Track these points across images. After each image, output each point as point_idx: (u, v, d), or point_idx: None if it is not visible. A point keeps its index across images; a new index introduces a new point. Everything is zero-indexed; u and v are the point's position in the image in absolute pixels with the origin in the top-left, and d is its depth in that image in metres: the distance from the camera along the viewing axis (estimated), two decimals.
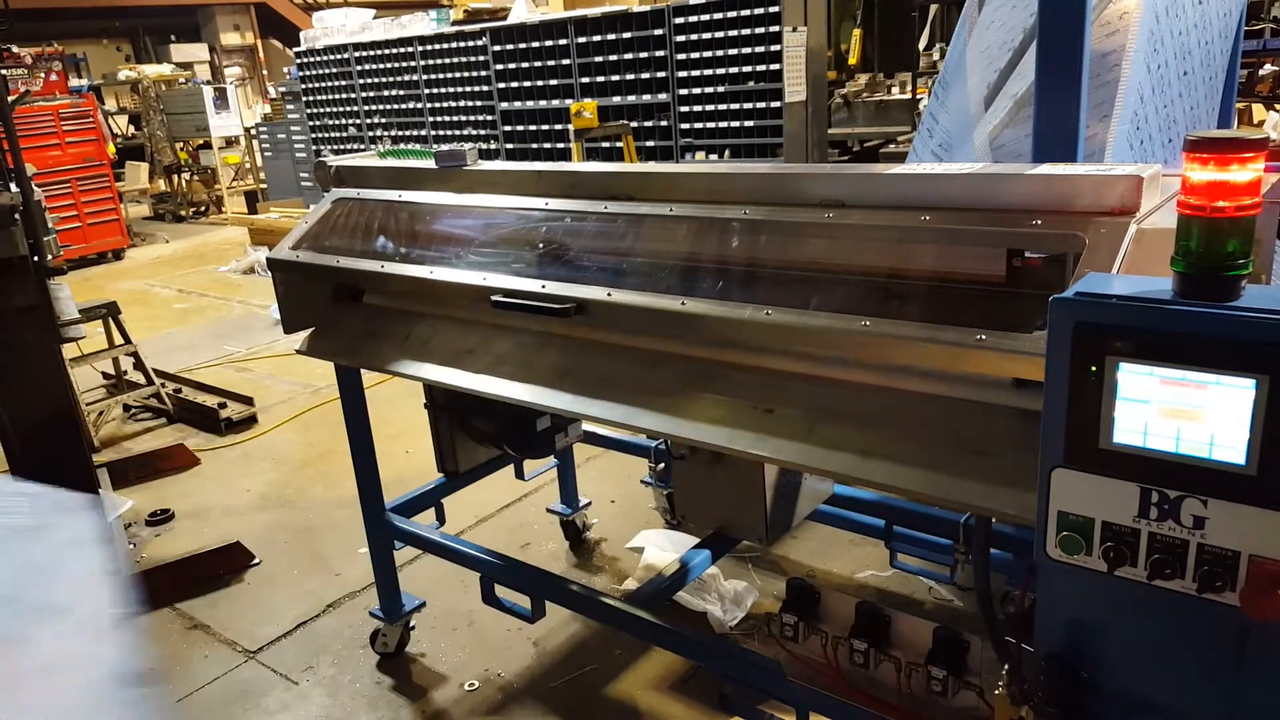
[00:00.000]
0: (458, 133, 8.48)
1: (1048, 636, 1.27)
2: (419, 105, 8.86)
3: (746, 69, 6.43)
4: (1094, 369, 1.11)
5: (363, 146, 9.43)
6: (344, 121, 9.86)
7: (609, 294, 1.88)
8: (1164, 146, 2.60)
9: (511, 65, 7.81)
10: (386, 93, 9.16)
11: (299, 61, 10.21)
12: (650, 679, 2.83)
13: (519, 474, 3.28)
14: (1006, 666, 1.44)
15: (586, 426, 3.13)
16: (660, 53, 6.81)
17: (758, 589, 3.16)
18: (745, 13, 6.31)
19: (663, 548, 3.35)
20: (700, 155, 6.81)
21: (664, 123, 6.95)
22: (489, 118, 8.18)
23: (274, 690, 2.95)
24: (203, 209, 13.51)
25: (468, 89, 8.30)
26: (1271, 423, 1.01)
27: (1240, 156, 1.03)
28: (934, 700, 1.91)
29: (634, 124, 6.83)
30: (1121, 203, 1.39)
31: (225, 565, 3.66)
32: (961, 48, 3.06)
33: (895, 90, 8.66)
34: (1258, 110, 7.08)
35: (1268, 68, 7.38)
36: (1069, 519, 1.18)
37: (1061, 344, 1.13)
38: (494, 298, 2.06)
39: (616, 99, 7.11)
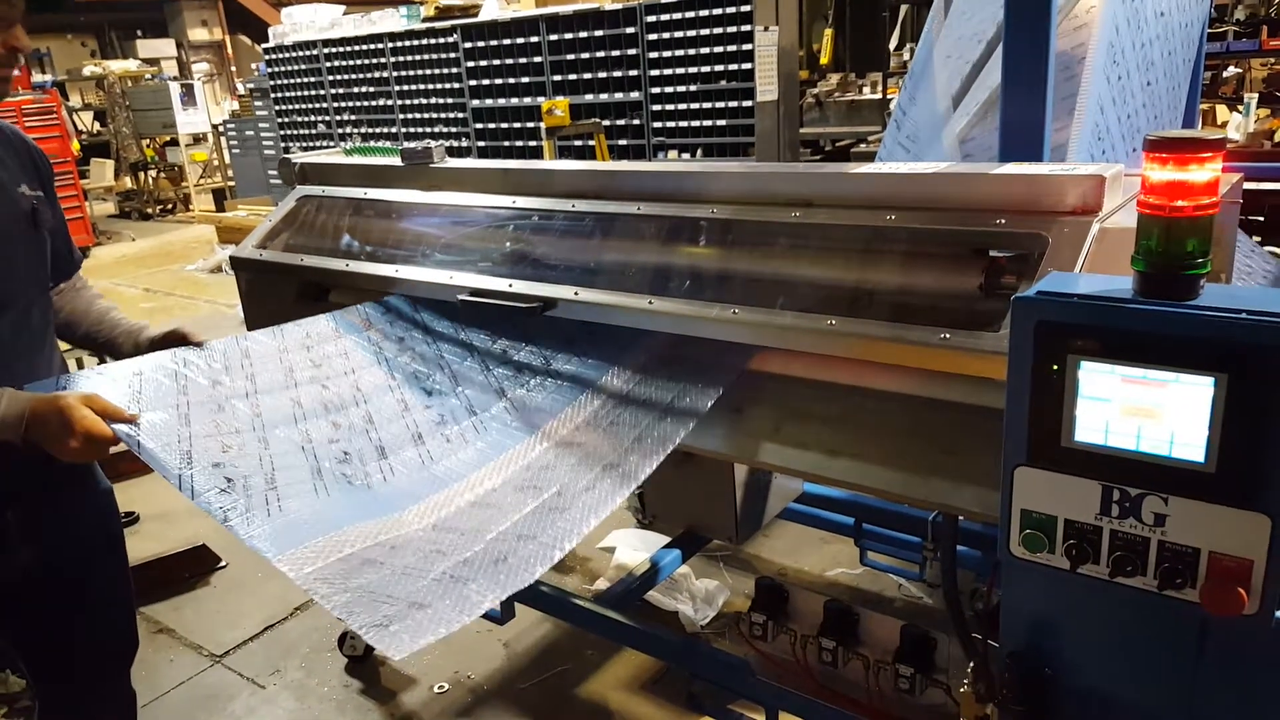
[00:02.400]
0: (428, 130, 8.41)
1: (1012, 634, 1.27)
2: (389, 102, 8.78)
3: (718, 68, 6.43)
4: (1056, 367, 1.11)
5: (332, 144, 9.33)
6: (313, 118, 9.75)
7: (576, 293, 1.87)
8: (1128, 155, 2.62)
9: (483, 62, 7.76)
10: (356, 89, 9.07)
11: (268, 58, 10.08)
12: (621, 679, 2.82)
13: None
14: (972, 664, 1.45)
15: None
16: (632, 51, 6.79)
17: (729, 588, 3.16)
18: (717, 12, 6.31)
19: (634, 547, 3.34)
20: (672, 154, 6.80)
21: (636, 121, 6.94)
22: (460, 115, 8.12)
23: (241, 695, 2.91)
24: (170, 207, 13.32)
25: (438, 86, 8.24)
26: (1230, 421, 1.02)
27: (1199, 156, 1.03)
28: (902, 698, 1.92)
29: (606, 122, 6.81)
30: (1084, 202, 1.40)
31: (191, 568, 3.61)
32: (930, 44, 3.07)
33: (866, 90, 8.71)
34: (1221, 111, 7.19)
35: (1231, 69, 7.51)
36: (1032, 517, 1.18)
37: (1024, 343, 1.13)
38: (461, 296, 2.04)
39: (589, 97, 7.09)
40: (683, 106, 6.68)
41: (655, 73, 6.73)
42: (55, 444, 1.51)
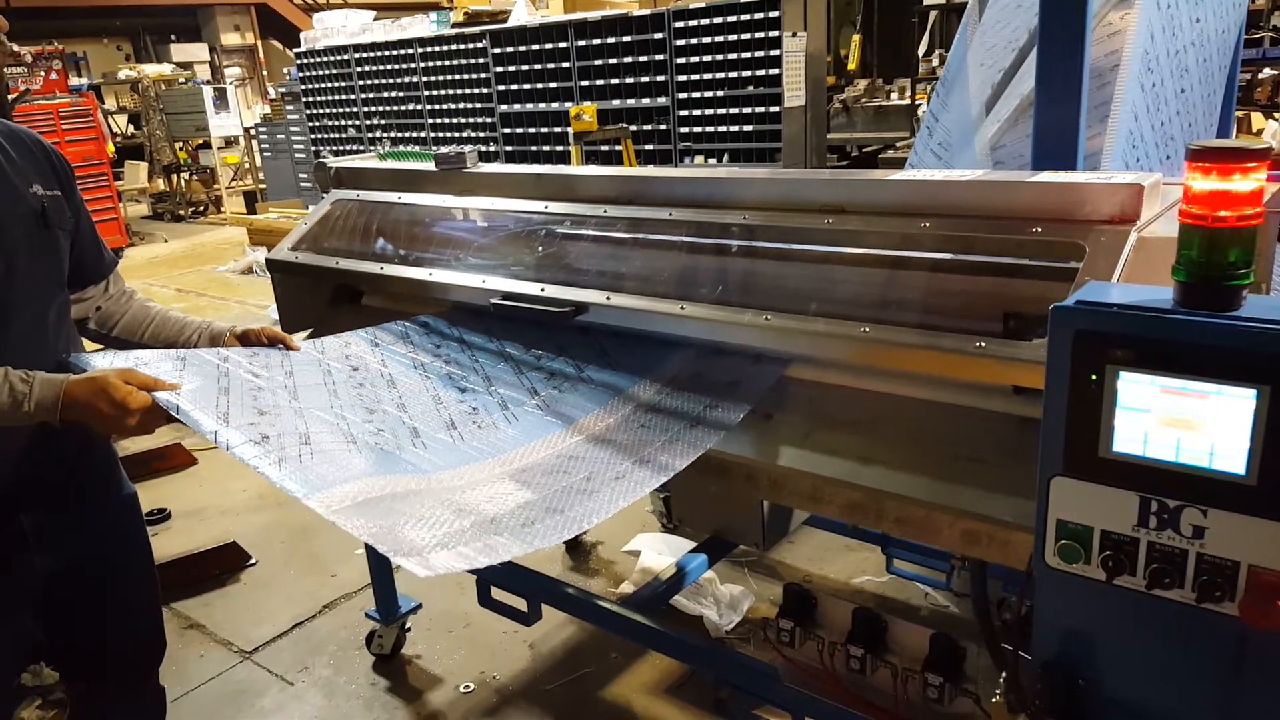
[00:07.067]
0: (457, 135, 8.47)
1: (1045, 644, 1.26)
2: (418, 107, 8.85)
3: (746, 73, 6.43)
4: (1094, 377, 1.10)
5: (362, 148, 9.42)
6: (343, 123, 9.86)
7: (608, 297, 1.88)
8: (1161, 163, 2.60)
9: (511, 68, 7.81)
10: (386, 94, 9.16)
11: (299, 62, 10.20)
12: (646, 683, 2.82)
13: None
14: (1004, 674, 1.44)
15: None
16: (660, 56, 6.81)
17: (754, 593, 3.16)
18: (745, 17, 6.31)
19: (659, 551, 3.34)
20: (699, 159, 6.81)
21: (663, 126, 6.95)
22: (488, 120, 8.18)
23: (270, 691, 2.95)
24: (201, 209, 13.50)
25: (467, 91, 8.29)
26: (1272, 433, 1.01)
27: (1243, 166, 1.03)
28: (930, 707, 1.90)
29: (633, 128, 6.83)
30: (1122, 211, 1.39)
31: (221, 565, 3.65)
32: (963, 50, 3.06)
33: (894, 96, 8.68)
34: (1256, 119, 7.08)
35: (1266, 72, 7.39)
36: (1068, 527, 1.18)
37: (1061, 352, 1.13)
38: (493, 300, 2.06)
39: (616, 102, 7.11)
40: (710, 112, 6.68)
41: (683, 78, 6.74)
42: (105, 423, 1.54)
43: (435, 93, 8.62)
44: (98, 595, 1.86)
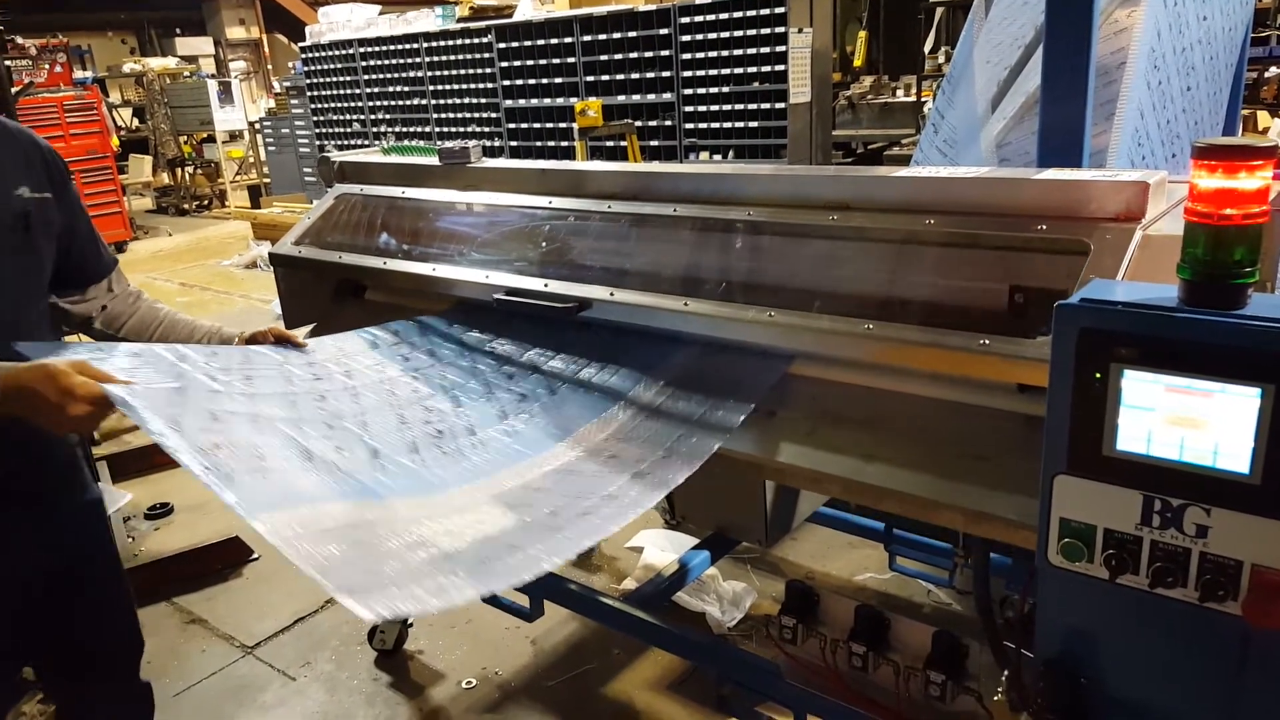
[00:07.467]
0: (461, 130, 8.47)
1: (1048, 643, 1.26)
2: (423, 102, 8.85)
3: (751, 69, 6.42)
4: (1098, 375, 1.10)
5: (366, 142, 9.42)
6: (348, 117, 9.86)
7: (611, 293, 1.88)
8: (1167, 161, 2.59)
9: (516, 63, 7.81)
10: (391, 89, 9.16)
11: (304, 56, 10.21)
12: (648, 679, 2.83)
13: None
14: (1006, 672, 1.44)
15: None
16: (665, 52, 6.80)
17: (756, 590, 3.16)
18: (751, 13, 6.30)
19: (662, 548, 3.34)
20: (704, 155, 6.80)
21: (668, 122, 6.94)
22: (493, 115, 8.17)
23: (272, 686, 2.95)
24: (206, 203, 13.52)
25: (472, 86, 8.29)
26: (1276, 432, 1.01)
27: (1249, 164, 1.02)
28: (932, 704, 1.91)
29: (638, 123, 6.82)
30: (1127, 208, 1.39)
31: (224, 560, 3.66)
32: (969, 47, 3.05)
33: (900, 93, 8.67)
34: (1262, 117, 7.06)
35: (1273, 70, 7.37)
36: (1071, 526, 1.18)
37: (1066, 350, 1.12)
38: (497, 296, 2.06)
39: (621, 98, 7.10)
40: (715, 108, 6.67)
41: (688, 74, 6.73)
42: (50, 414, 1.44)
43: (440, 87, 8.62)
44: (77, 593, 1.85)
